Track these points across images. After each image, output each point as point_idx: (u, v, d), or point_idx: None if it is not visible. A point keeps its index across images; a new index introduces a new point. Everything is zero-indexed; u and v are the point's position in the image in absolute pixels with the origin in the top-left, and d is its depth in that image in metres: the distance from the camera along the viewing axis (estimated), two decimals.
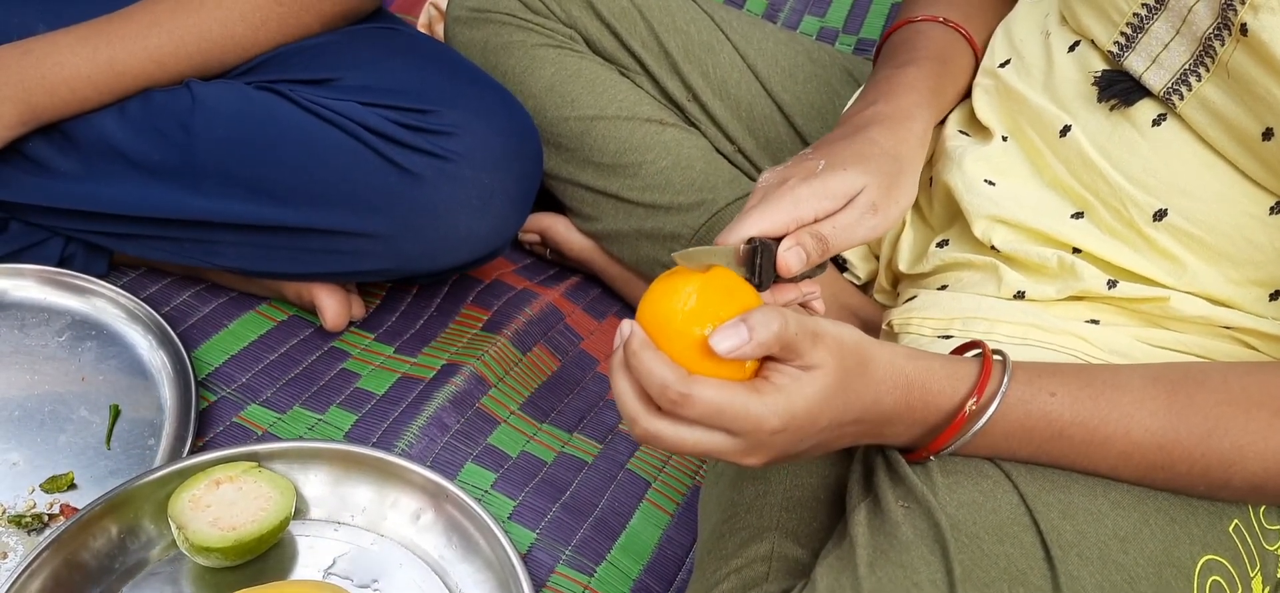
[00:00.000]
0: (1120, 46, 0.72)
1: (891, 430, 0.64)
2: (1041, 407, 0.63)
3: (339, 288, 0.98)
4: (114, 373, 0.92)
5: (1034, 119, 0.77)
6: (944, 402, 0.63)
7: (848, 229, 0.67)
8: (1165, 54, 0.69)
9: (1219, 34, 0.66)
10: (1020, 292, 0.75)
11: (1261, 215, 0.68)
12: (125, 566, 0.77)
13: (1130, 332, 0.72)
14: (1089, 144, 0.73)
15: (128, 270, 1.02)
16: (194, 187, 0.90)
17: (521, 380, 1.01)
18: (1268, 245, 0.68)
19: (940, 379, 0.63)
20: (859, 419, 0.61)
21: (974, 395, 0.63)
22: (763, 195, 0.66)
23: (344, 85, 0.91)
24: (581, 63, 1.04)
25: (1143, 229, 0.71)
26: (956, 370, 0.64)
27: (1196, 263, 0.71)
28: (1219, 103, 0.67)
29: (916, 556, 0.61)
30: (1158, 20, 0.70)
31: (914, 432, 0.64)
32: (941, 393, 0.63)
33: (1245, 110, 0.66)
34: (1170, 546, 0.64)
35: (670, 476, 0.95)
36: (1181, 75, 0.69)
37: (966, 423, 0.63)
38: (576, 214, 1.08)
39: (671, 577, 0.87)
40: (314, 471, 0.83)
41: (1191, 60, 0.68)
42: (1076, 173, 0.74)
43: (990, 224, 0.76)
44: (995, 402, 0.62)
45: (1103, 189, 0.73)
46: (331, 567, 0.80)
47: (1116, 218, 0.72)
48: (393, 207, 0.88)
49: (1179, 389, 0.64)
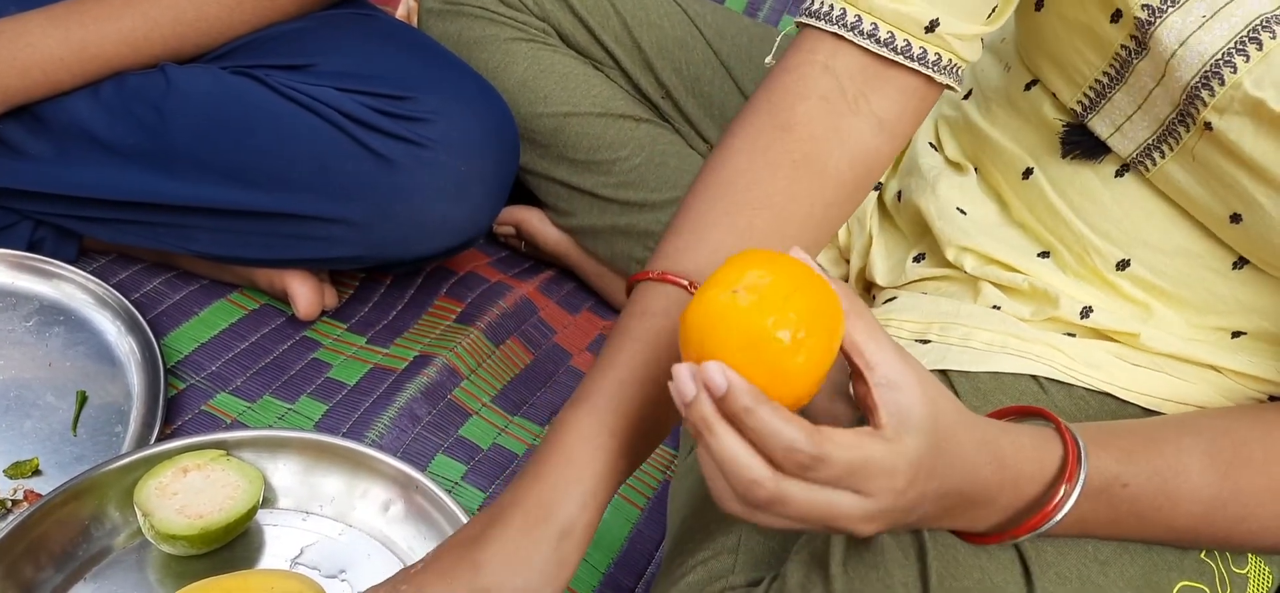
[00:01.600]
0: (1083, 108, 0.70)
1: (977, 513, 0.57)
2: (1110, 492, 0.58)
3: (312, 276, 0.98)
4: (82, 359, 0.91)
5: (996, 157, 0.76)
6: (1032, 483, 0.57)
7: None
8: (1128, 125, 0.67)
9: (1183, 121, 0.64)
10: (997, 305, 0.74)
11: (1224, 270, 0.68)
12: (89, 553, 0.76)
13: (1105, 347, 0.72)
14: (1051, 188, 0.71)
15: (97, 256, 1.01)
16: (167, 170, 0.89)
17: (494, 373, 1.01)
18: (1230, 297, 0.68)
19: (1029, 453, 0.57)
20: (958, 491, 0.54)
21: (1065, 477, 0.56)
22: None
23: (321, 71, 0.91)
24: (555, 57, 1.04)
25: (1106, 276, 0.70)
26: (1042, 444, 0.57)
27: (1160, 307, 0.70)
28: (1184, 182, 0.65)
29: (892, 558, 0.61)
30: (1118, 91, 0.67)
31: (997, 516, 0.57)
32: (1031, 471, 0.57)
33: (1211, 194, 0.64)
34: (1147, 570, 0.64)
35: (641, 470, 0.95)
36: (1146, 149, 0.67)
37: (1057, 508, 0.56)
38: (552, 208, 1.08)
39: (641, 571, 0.87)
40: (283, 460, 0.83)
41: (1154, 138, 0.66)
42: (1040, 216, 0.73)
43: (960, 252, 0.75)
44: (1080, 481, 0.56)
45: (1066, 235, 0.71)
46: (299, 557, 0.79)
47: (1080, 263, 0.71)
48: (368, 192, 0.88)
49: (1230, 472, 0.60)
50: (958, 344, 0.72)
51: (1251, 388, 0.71)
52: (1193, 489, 0.60)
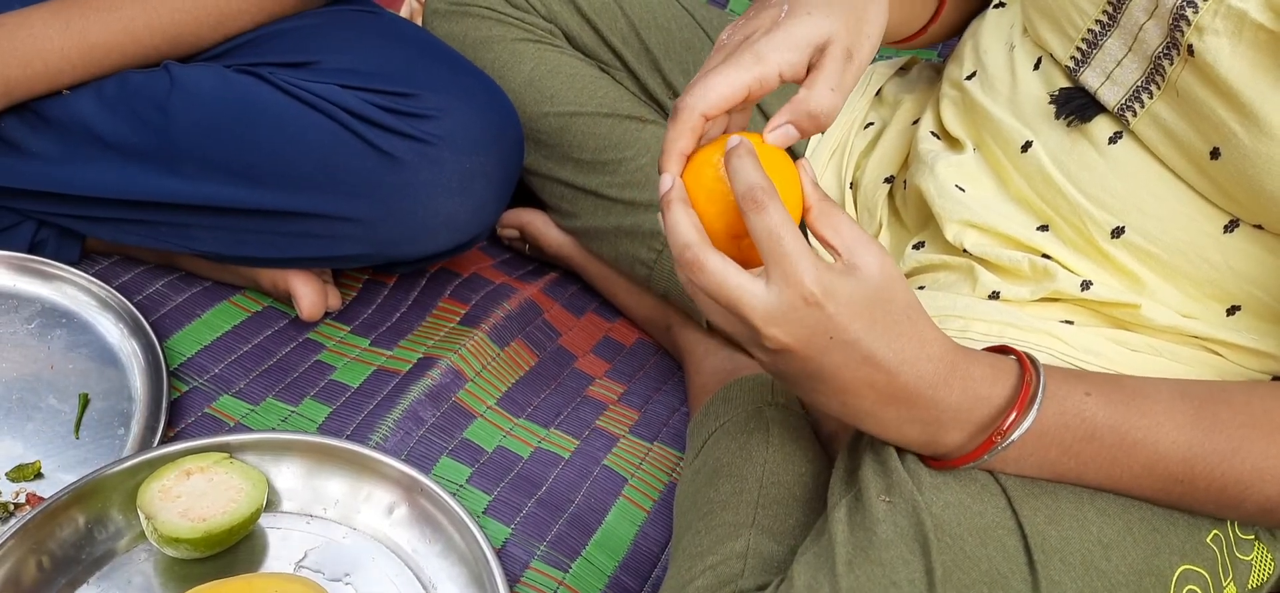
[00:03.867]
0: (1076, 62, 0.73)
1: (919, 411, 0.61)
2: (1076, 406, 0.62)
3: (315, 278, 0.97)
4: (84, 361, 0.90)
5: (996, 133, 0.77)
6: (987, 404, 0.61)
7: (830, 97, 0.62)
8: (1119, 71, 0.70)
9: (1168, 54, 0.67)
10: (995, 292, 0.75)
11: (1216, 234, 0.69)
12: (93, 556, 0.76)
13: (1103, 333, 0.73)
14: (1049, 160, 0.73)
15: (100, 258, 1.01)
16: (171, 169, 0.89)
17: (499, 375, 1.00)
18: (1222, 263, 0.69)
19: (983, 368, 0.61)
20: (892, 371, 0.58)
21: (1019, 393, 0.60)
22: (724, 54, 0.62)
23: (324, 68, 0.91)
24: (561, 58, 1.03)
25: (1102, 246, 0.72)
26: (998, 366, 0.62)
27: (1155, 280, 0.71)
28: (1170, 121, 0.68)
29: (896, 555, 0.61)
30: (1110, 37, 0.70)
31: (943, 424, 0.61)
32: (984, 382, 0.61)
33: (1193, 129, 0.66)
34: (1151, 555, 0.64)
35: (647, 472, 0.95)
36: (1134, 92, 0.69)
37: (1015, 426, 0.60)
38: (555, 210, 1.08)
39: (647, 574, 0.87)
40: (286, 462, 0.82)
41: (1143, 78, 0.69)
42: (1037, 189, 0.74)
43: (961, 228, 0.77)
44: (1038, 398, 0.60)
45: (1062, 206, 0.73)
46: (303, 560, 0.79)
47: (1077, 234, 0.73)
48: (372, 190, 0.88)
49: (1205, 406, 0.63)
50: (955, 336, 0.73)
51: (1253, 366, 0.72)
52: (1165, 429, 0.62)
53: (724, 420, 0.82)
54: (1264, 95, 0.62)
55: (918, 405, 0.60)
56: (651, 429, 0.99)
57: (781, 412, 0.81)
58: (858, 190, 0.92)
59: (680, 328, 1.04)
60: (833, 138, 0.96)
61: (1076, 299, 0.73)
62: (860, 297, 0.57)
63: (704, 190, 0.60)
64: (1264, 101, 0.62)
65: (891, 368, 0.58)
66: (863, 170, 0.92)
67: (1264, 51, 0.62)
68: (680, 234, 0.58)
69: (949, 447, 0.63)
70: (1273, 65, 0.61)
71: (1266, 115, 0.62)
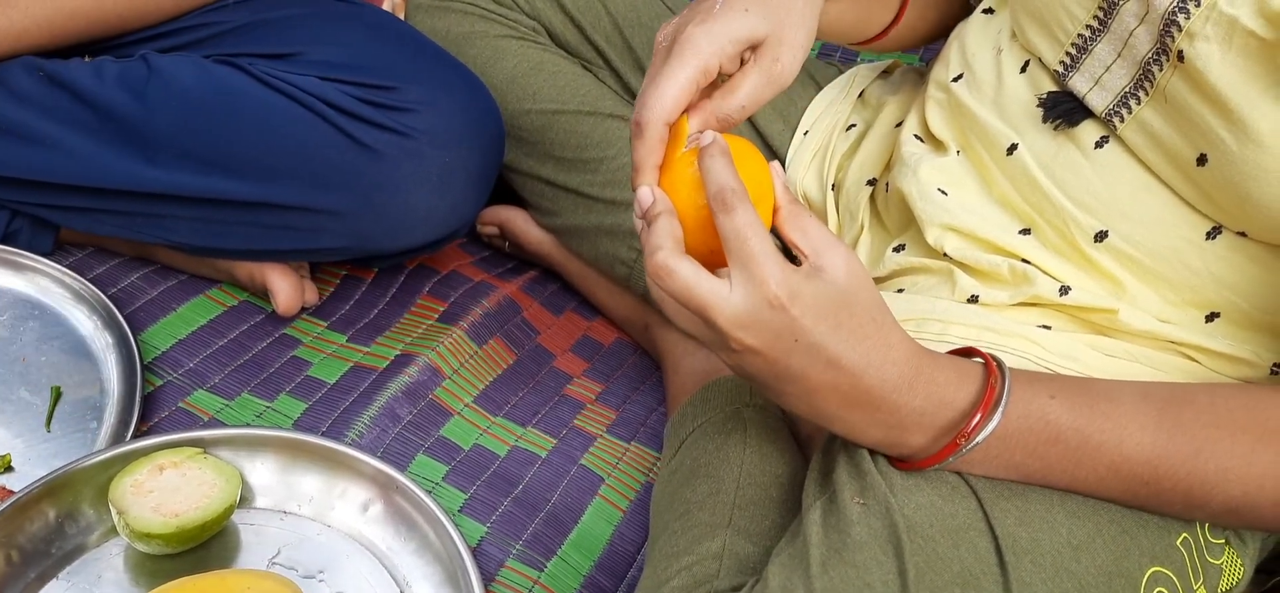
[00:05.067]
0: (1065, 67, 0.73)
1: (883, 415, 0.61)
2: (1041, 409, 0.62)
3: (292, 272, 0.97)
4: (57, 354, 0.89)
5: (982, 135, 0.78)
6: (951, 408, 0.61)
7: (756, 92, 0.65)
8: (1107, 76, 0.70)
9: (1157, 59, 0.67)
10: (974, 296, 0.75)
11: (1198, 240, 0.69)
12: (63, 551, 0.75)
13: (1081, 339, 0.73)
14: (1034, 163, 0.74)
15: (74, 249, 1.00)
16: (148, 159, 0.88)
17: (477, 373, 1.00)
18: (1203, 270, 0.70)
19: (948, 372, 0.62)
20: (856, 374, 0.59)
21: (983, 397, 0.61)
22: (664, 55, 0.64)
23: (305, 60, 0.90)
24: (544, 56, 1.03)
25: (1084, 250, 0.72)
26: (963, 370, 0.63)
27: (1136, 285, 0.72)
28: (1157, 127, 0.68)
29: (869, 556, 0.61)
30: (1100, 42, 0.70)
31: (906, 427, 0.62)
32: (948, 387, 0.61)
33: (1181, 135, 0.67)
34: (1121, 556, 0.65)
35: (624, 472, 0.95)
36: (1122, 98, 0.70)
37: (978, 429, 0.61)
38: (536, 208, 1.07)
39: (623, 574, 0.87)
40: (261, 458, 0.82)
41: (1131, 84, 0.69)
42: (1022, 191, 0.75)
43: (942, 232, 0.77)
44: (1002, 403, 0.61)
45: (1046, 209, 0.73)
46: (276, 557, 0.78)
47: (1060, 237, 0.73)
48: (351, 183, 0.87)
49: (1169, 408, 0.63)
50: (934, 339, 0.73)
51: (1229, 373, 0.72)
52: (1129, 431, 0.62)
53: (702, 421, 0.82)
54: (1253, 102, 0.62)
55: (881, 409, 0.61)
56: (629, 429, 0.99)
57: (759, 413, 0.81)
58: (840, 192, 0.92)
59: (659, 328, 1.04)
60: (815, 139, 0.96)
61: (1055, 304, 0.73)
62: (825, 299, 0.57)
63: (679, 194, 0.61)
64: (1253, 109, 0.62)
65: (856, 371, 0.59)
66: (845, 172, 0.92)
67: (1254, 59, 0.62)
68: (653, 240, 0.59)
69: (913, 449, 0.63)
70: (1262, 72, 0.62)
71: (1255, 123, 0.62)
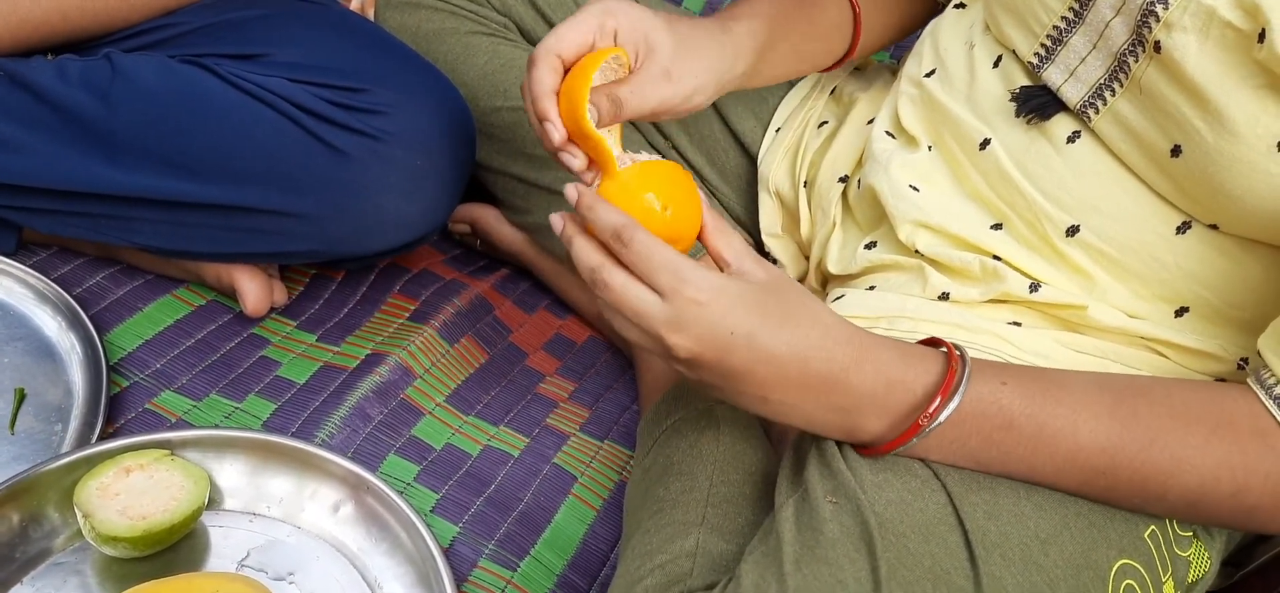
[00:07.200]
0: (1040, 59, 0.74)
1: (835, 398, 0.63)
2: (993, 393, 0.63)
3: (261, 272, 0.96)
4: (20, 356, 0.88)
5: (955, 130, 0.78)
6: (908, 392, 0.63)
7: (640, 93, 0.70)
8: (1082, 68, 0.71)
9: (1134, 50, 0.67)
10: (945, 293, 0.76)
11: (1169, 234, 0.70)
12: (27, 555, 0.74)
13: (1051, 335, 0.74)
14: (1006, 158, 0.75)
15: (38, 249, 0.98)
16: (112, 160, 0.87)
17: (448, 372, 0.99)
18: (1173, 265, 0.70)
19: (891, 352, 0.63)
20: (802, 358, 0.61)
21: (942, 383, 0.62)
22: (582, 10, 0.70)
23: (273, 61, 0.89)
24: (515, 52, 1.03)
25: (1056, 244, 0.73)
26: (908, 352, 0.64)
27: (1106, 279, 0.72)
28: (1131, 118, 0.68)
29: (842, 554, 0.61)
30: (1076, 33, 0.71)
31: (862, 411, 0.63)
32: (893, 365, 0.63)
33: (1155, 126, 0.67)
34: (1088, 549, 0.65)
35: (597, 471, 0.94)
36: (1097, 90, 0.70)
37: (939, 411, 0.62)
38: (508, 206, 1.07)
39: (596, 573, 0.86)
40: (229, 460, 0.81)
41: (1107, 75, 0.70)
42: (994, 186, 0.75)
43: (914, 228, 0.77)
44: (960, 390, 0.62)
45: (1018, 203, 0.74)
46: (246, 559, 0.78)
47: (1032, 231, 0.74)
48: (320, 186, 0.86)
49: (1124, 398, 0.64)
50: (905, 336, 0.73)
51: (1197, 368, 0.73)
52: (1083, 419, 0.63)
53: (675, 418, 0.82)
54: (1229, 93, 0.62)
55: (833, 392, 0.62)
56: (602, 427, 0.99)
57: (732, 411, 0.81)
58: (812, 189, 0.92)
59: None
60: (788, 136, 0.96)
61: (1025, 301, 0.74)
62: (749, 293, 0.61)
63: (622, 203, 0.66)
64: (1228, 99, 0.62)
65: (801, 355, 0.61)
66: (817, 169, 0.92)
67: (1231, 49, 0.62)
68: (585, 259, 0.63)
69: (872, 434, 0.65)
70: (1239, 63, 0.62)
71: (1230, 113, 0.62)
